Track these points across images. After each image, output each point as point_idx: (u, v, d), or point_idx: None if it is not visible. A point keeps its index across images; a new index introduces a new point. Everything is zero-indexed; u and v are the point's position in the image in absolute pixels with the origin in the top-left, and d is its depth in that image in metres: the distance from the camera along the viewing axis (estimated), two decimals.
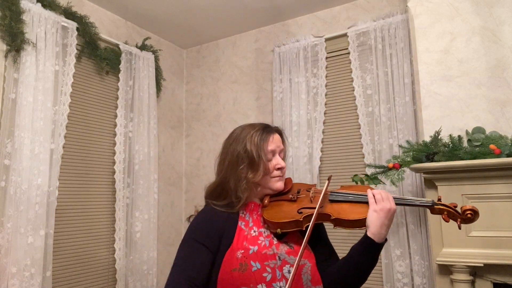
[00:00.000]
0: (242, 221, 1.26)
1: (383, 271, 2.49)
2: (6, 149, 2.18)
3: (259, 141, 1.27)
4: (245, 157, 1.26)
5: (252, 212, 1.29)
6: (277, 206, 1.28)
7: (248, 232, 1.24)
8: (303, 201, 1.28)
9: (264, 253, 1.18)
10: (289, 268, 1.17)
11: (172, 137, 3.54)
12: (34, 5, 2.33)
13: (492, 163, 1.83)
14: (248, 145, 1.26)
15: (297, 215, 1.22)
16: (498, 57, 2.08)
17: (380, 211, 1.15)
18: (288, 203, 1.28)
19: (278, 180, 1.30)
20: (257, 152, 1.25)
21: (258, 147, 1.26)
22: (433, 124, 2.17)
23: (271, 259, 1.17)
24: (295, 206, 1.26)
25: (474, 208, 1.14)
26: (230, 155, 1.29)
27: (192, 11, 3.05)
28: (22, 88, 2.24)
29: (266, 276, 1.15)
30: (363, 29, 2.77)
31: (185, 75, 3.78)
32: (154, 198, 3.01)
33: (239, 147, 1.28)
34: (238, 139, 1.30)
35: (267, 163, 1.27)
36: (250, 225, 1.26)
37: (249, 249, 1.18)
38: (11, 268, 2.07)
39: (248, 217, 1.28)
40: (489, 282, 1.87)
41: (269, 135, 1.30)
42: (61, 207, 2.48)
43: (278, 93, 3.04)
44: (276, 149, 1.30)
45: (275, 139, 1.31)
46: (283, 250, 1.21)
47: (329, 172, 2.85)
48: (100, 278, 2.71)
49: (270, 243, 1.22)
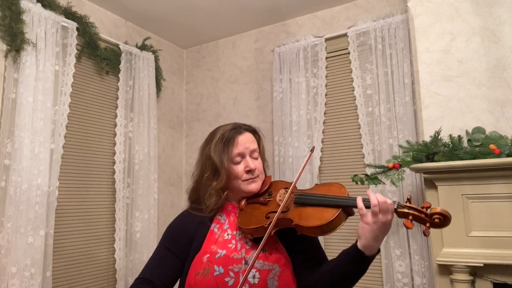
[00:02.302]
0: (217, 223, 1.25)
1: (383, 271, 2.48)
2: (6, 149, 2.18)
3: (223, 147, 1.23)
4: (209, 164, 1.24)
5: (230, 214, 1.27)
6: (251, 209, 1.23)
7: (220, 235, 1.21)
8: (272, 204, 1.21)
9: (232, 256, 1.15)
10: (255, 272, 1.13)
11: (172, 137, 3.54)
12: (34, 5, 2.33)
13: (492, 163, 1.83)
14: (212, 153, 1.23)
15: (264, 220, 1.15)
16: (498, 57, 2.08)
17: (374, 224, 1.00)
18: (259, 206, 1.22)
19: (250, 183, 1.24)
20: (219, 159, 1.21)
21: (221, 154, 1.22)
22: (433, 124, 2.17)
23: (236, 263, 1.14)
24: (264, 210, 1.19)
25: (444, 212, 0.97)
26: (200, 161, 1.30)
27: (192, 11, 3.05)
28: (22, 88, 2.24)
29: (228, 281, 1.12)
30: (363, 29, 2.77)
31: (185, 75, 3.78)
32: (154, 198, 3.00)
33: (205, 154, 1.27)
34: (207, 142, 1.29)
35: (232, 169, 1.22)
36: (225, 227, 1.23)
37: (216, 253, 1.16)
38: (11, 268, 2.07)
39: (224, 219, 1.26)
40: (489, 282, 1.87)
41: (234, 138, 1.23)
42: (61, 207, 2.48)
43: (278, 93, 3.04)
44: (245, 151, 1.24)
45: (243, 140, 1.24)
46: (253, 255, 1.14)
47: (329, 172, 2.85)
48: (100, 278, 2.70)
49: (242, 247, 1.18)
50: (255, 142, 1.28)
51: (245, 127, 1.29)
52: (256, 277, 1.13)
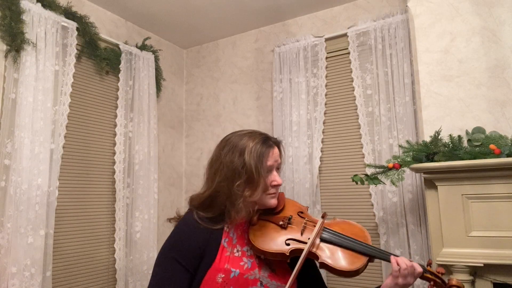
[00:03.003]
0: (226, 237, 1.18)
1: (383, 271, 2.49)
2: (6, 149, 2.18)
3: (259, 156, 1.15)
4: (242, 172, 1.13)
5: (238, 228, 1.20)
6: (264, 228, 1.18)
7: (231, 251, 1.15)
8: (293, 230, 1.18)
9: (246, 277, 1.12)
10: None
11: (172, 137, 3.54)
12: (34, 5, 2.33)
13: (492, 163, 1.83)
14: (247, 159, 1.13)
15: (284, 247, 1.13)
16: (498, 57, 2.08)
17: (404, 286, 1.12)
18: (277, 228, 1.18)
19: (272, 197, 1.20)
20: (256, 168, 1.13)
21: (258, 162, 1.14)
22: (433, 124, 2.17)
23: (252, 284, 1.12)
24: (283, 235, 1.16)
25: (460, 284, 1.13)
26: (226, 167, 1.16)
27: (192, 11, 3.05)
28: (22, 88, 2.24)
29: None
30: (363, 29, 2.77)
31: (185, 75, 3.78)
32: (154, 198, 3.00)
33: (237, 160, 1.15)
34: (234, 149, 1.17)
35: (265, 180, 1.16)
36: (234, 242, 1.18)
37: (230, 272, 1.11)
38: (11, 268, 2.07)
39: (233, 233, 1.19)
40: (489, 282, 1.87)
41: (269, 150, 1.18)
42: (61, 207, 2.48)
43: (278, 93, 3.04)
44: (274, 164, 1.20)
45: (275, 153, 1.20)
46: (265, 274, 1.15)
47: (329, 172, 2.84)
48: (100, 278, 2.70)
49: (253, 266, 1.15)
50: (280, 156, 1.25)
51: (274, 139, 1.25)
52: None
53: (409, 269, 1.11)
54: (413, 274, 1.12)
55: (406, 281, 1.11)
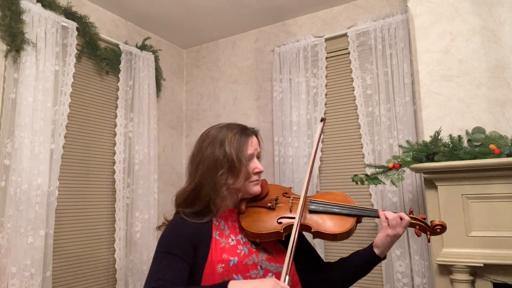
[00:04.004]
0: (217, 230, 1.19)
1: (383, 271, 2.48)
2: (6, 149, 2.18)
3: (239, 144, 1.20)
4: (224, 161, 1.17)
5: (227, 218, 1.23)
6: (254, 213, 1.23)
7: (226, 242, 1.18)
8: (281, 209, 1.23)
9: (245, 263, 1.14)
10: (271, 276, 1.15)
11: (172, 137, 3.54)
12: (34, 5, 2.33)
13: (492, 163, 1.83)
14: (228, 149, 1.18)
15: (277, 225, 1.17)
16: (498, 57, 2.08)
17: (394, 237, 1.19)
18: (266, 210, 1.23)
19: (255, 184, 1.24)
20: (237, 156, 1.18)
21: (238, 151, 1.19)
22: (433, 124, 2.17)
23: (252, 269, 1.14)
24: (274, 215, 1.21)
25: (443, 223, 1.21)
26: (208, 159, 1.19)
27: (192, 11, 3.05)
28: (22, 88, 2.24)
29: None
30: (363, 29, 2.77)
31: (185, 75, 3.78)
32: (154, 198, 3.00)
33: (218, 151, 1.19)
34: (214, 141, 1.21)
35: (247, 168, 1.21)
36: (227, 233, 1.20)
37: (229, 261, 1.13)
38: (11, 268, 2.07)
39: (223, 225, 1.21)
40: (489, 282, 1.87)
41: (248, 138, 1.24)
42: (61, 207, 2.48)
43: (278, 93, 3.04)
44: (254, 152, 1.24)
45: (254, 142, 1.25)
46: (263, 258, 1.18)
47: (329, 172, 2.84)
48: (100, 278, 2.70)
49: (250, 251, 1.18)
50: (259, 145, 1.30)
51: (252, 129, 1.30)
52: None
53: (396, 219, 1.19)
54: (401, 223, 1.19)
55: (395, 231, 1.19)
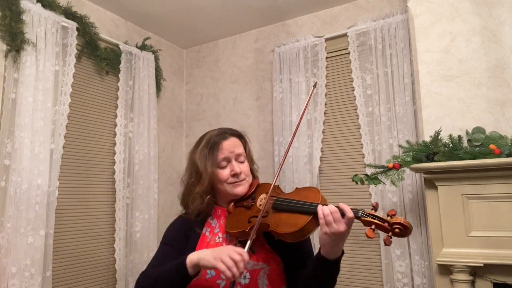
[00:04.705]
0: (208, 227, 1.29)
1: (383, 271, 2.48)
2: (6, 149, 2.18)
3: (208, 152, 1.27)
4: (194, 170, 1.29)
5: (220, 217, 1.31)
6: (237, 213, 1.26)
7: (212, 238, 1.25)
8: (254, 208, 1.23)
9: None
10: (245, 273, 1.17)
11: (172, 137, 3.54)
12: (34, 5, 2.33)
13: (492, 163, 1.83)
14: (197, 159, 1.28)
15: (246, 224, 1.18)
16: (498, 57, 2.08)
17: (334, 235, 1.03)
18: (244, 210, 1.25)
19: (235, 186, 1.27)
20: (203, 165, 1.26)
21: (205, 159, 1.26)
22: (433, 124, 2.17)
23: None
24: (248, 214, 1.22)
25: (405, 222, 1.00)
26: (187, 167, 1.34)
27: (192, 11, 3.05)
28: (22, 88, 2.24)
29: (219, 283, 1.16)
30: (363, 29, 2.77)
31: (185, 75, 3.78)
32: (154, 198, 3.00)
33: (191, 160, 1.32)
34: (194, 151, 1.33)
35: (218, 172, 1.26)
36: (216, 231, 1.28)
37: None
38: (11, 268, 2.07)
39: (215, 223, 1.30)
40: (489, 282, 1.87)
41: (219, 143, 1.27)
42: (61, 207, 2.48)
43: (278, 93, 3.04)
44: (230, 155, 1.27)
45: (228, 145, 1.27)
46: None
47: (329, 172, 2.84)
48: (100, 278, 2.70)
49: None
50: (241, 146, 1.31)
51: (231, 131, 1.33)
52: (247, 278, 1.17)
53: (333, 214, 1.03)
54: (341, 220, 1.03)
55: (334, 229, 1.02)
